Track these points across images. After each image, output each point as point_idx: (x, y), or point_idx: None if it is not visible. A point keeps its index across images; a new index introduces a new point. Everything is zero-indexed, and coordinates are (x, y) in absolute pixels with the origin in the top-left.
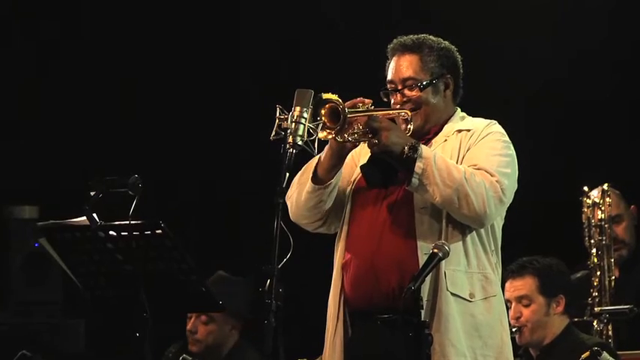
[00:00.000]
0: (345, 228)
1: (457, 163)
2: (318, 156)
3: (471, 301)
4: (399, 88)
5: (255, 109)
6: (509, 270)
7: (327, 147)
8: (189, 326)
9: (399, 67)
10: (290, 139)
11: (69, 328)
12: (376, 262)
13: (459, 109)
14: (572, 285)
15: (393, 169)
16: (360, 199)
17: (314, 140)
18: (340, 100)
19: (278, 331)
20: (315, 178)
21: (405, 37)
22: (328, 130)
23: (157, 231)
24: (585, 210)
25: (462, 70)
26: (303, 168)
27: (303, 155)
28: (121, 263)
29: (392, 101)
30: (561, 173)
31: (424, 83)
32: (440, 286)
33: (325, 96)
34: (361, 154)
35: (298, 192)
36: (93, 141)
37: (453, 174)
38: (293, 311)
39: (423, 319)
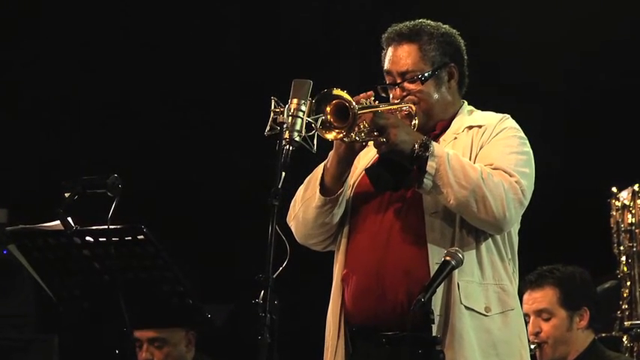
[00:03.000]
0: (345, 237)
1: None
2: (322, 165)
3: (486, 316)
4: (398, 81)
5: (247, 102)
6: (528, 280)
7: (332, 153)
8: (143, 355)
9: (397, 58)
10: (286, 135)
11: (41, 344)
12: (382, 273)
13: (465, 102)
14: (597, 296)
15: (402, 170)
16: (362, 204)
17: (313, 136)
18: (350, 98)
19: (273, 347)
20: (323, 190)
21: (400, 25)
22: (337, 130)
23: (139, 236)
24: (614, 213)
25: (465, 57)
26: (305, 182)
27: (302, 153)
28: (98, 272)
29: (391, 96)
30: (587, 172)
31: (425, 75)
32: (453, 300)
33: (335, 92)
34: (360, 154)
35: (304, 209)
36: (68, 138)
37: (469, 174)
38: (289, 326)
39: (434, 334)
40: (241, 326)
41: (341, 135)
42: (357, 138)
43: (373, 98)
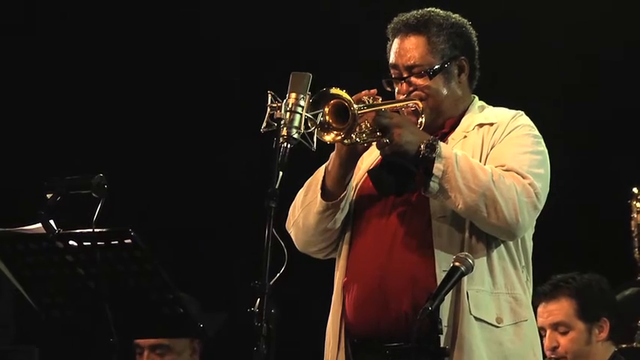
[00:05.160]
0: (346, 242)
1: (480, 162)
2: (323, 167)
3: (498, 327)
4: (405, 75)
5: (243, 96)
6: (541, 292)
7: (333, 154)
8: None
9: (404, 51)
10: (284, 132)
11: (21, 356)
12: (385, 281)
13: (476, 98)
14: (617, 305)
15: (407, 172)
16: (365, 208)
17: (312, 133)
18: (349, 98)
19: (269, 359)
20: (325, 194)
21: (407, 15)
22: (336, 132)
23: (126, 240)
24: (635, 216)
25: (477, 49)
26: (306, 186)
27: (300, 151)
28: (82, 279)
29: (396, 90)
30: (605, 172)
31: (434, 69)
32: (461, 309)
33: (333, 91)
34: (363, 155)
35: (305, 215)
36: (50, 136)
37: (479, 176)
38: (287, 336)
39: (442, 345)
40: (236, 336)
41: (340, 137)
42: (358, 139)
43: (377, 95)
